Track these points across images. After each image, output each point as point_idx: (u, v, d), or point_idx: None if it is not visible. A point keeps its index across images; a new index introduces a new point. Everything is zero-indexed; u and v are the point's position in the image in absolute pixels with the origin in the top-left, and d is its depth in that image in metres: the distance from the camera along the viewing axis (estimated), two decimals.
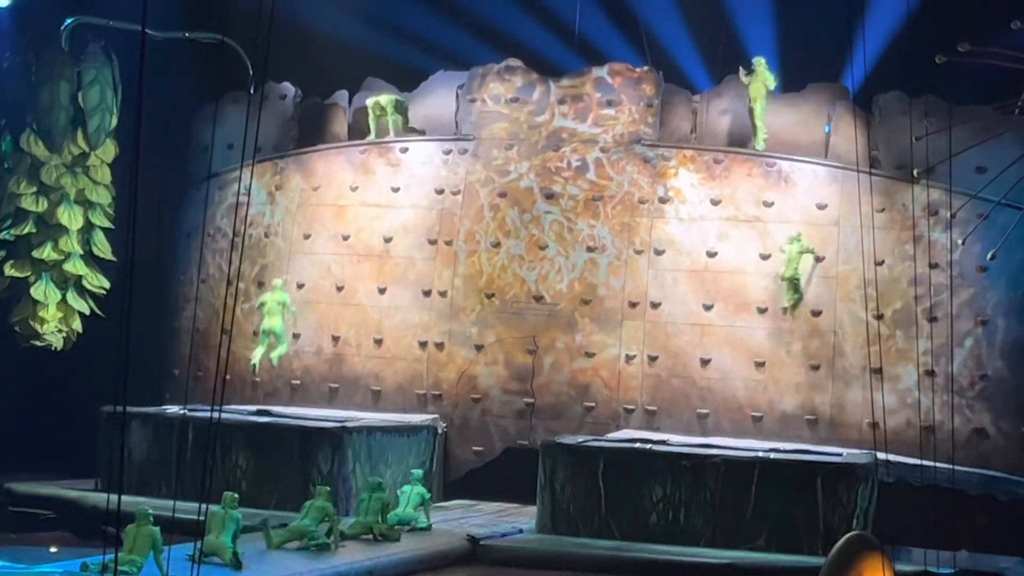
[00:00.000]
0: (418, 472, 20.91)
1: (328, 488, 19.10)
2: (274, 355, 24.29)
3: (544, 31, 25.66)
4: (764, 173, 23.93)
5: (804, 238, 23.25)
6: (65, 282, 24.88)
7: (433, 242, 24.85)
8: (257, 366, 24.43)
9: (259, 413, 22.80)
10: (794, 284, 23.16)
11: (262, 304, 24.36)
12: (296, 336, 25.14)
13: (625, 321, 23.91)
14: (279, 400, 24.73)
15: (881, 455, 20.35)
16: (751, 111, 23.82)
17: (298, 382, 25.10)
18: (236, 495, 17.50)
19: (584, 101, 24.74)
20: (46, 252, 24.75)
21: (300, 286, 25.23)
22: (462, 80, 25.43)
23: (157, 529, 15.48)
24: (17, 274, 24.74)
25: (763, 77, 23.61)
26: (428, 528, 20.00)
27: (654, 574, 18.57)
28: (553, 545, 19.64)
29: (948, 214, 22.14)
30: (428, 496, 20.55)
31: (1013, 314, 22.68)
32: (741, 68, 23.85)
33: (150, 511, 15.69)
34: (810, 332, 23.28)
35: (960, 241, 22.13)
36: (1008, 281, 22.41)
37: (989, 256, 21.60)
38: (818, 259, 23.20)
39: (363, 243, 25.19)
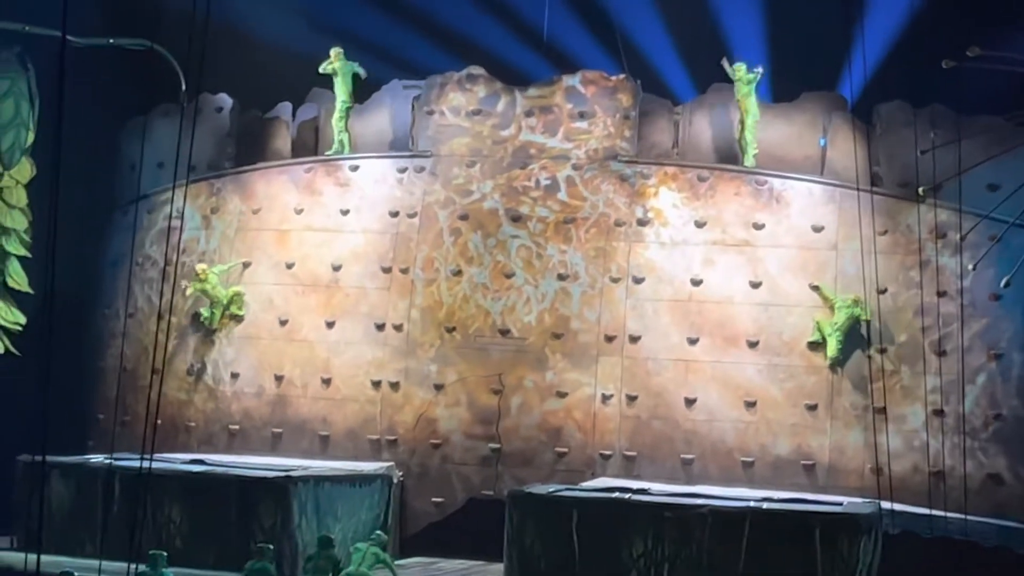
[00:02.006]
0: (382, 536, 20.84)
1: (271, 546, 19.11)
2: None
3: (510, 36, 25.74)
4: (754, 192, 23.97)
5: (833, 289, 23.26)
6: None
7: (387, 270, 24.85)
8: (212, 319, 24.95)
9: (194, 462, 22.74)
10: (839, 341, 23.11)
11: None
12: (235, 375, 25.10)
13: (601, 357, 23.92)
14: (216, 447, 24.69)
15: (886, 504, 20.42)
16: (741, 124, 23.88)
17: (237, 427, 25.04)
18: (165, 553, 17.48)
19: (554, 113, 24.78)
20: None
21: (238, 319, 25.20)
22: (418, 91, 25.47)
23: None
24: None
25: (744, 81, 23.67)
26: None
27: None
28: None
29: (957, 236, 22.22)
30: (386, 557, 20.49)
31: None
32: (725, 60, 23.89)
33: (73, 573, 15.64)
34: (806, 368, 23.30)
35: (971, 266, 22.17)
36: (1023, 310, 22.45)
37: (1004, 283, 21.62)
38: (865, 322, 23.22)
39: (309, 272, 25.17)
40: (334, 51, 24.46)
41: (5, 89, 24.90)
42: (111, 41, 23.80)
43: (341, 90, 24.80)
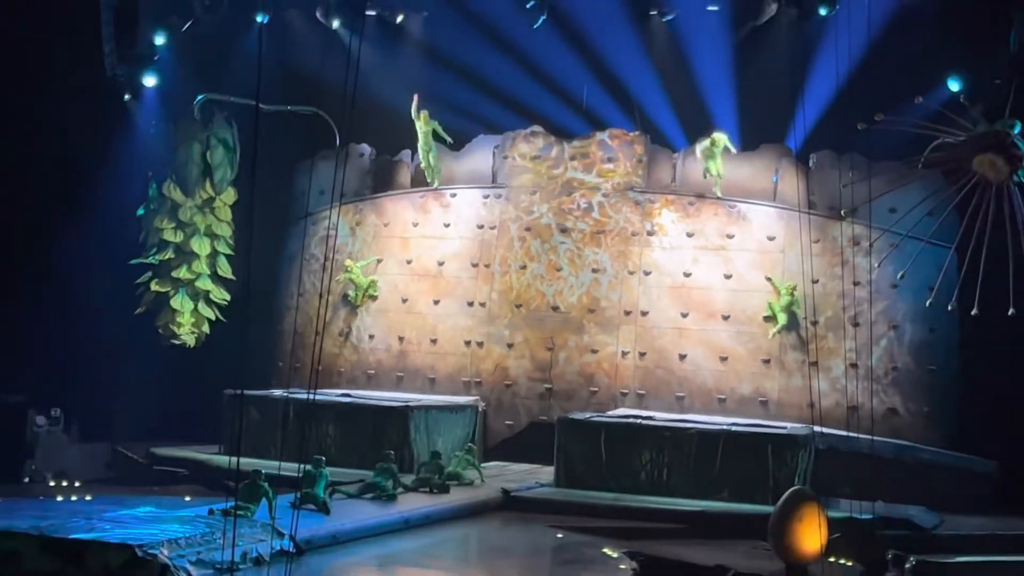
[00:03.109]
0: (472, 447, 21.46)
1: (393, 452, 19.33)
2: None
3: (559, 104, 25.61)
4: (727, 213, 23.97)
5: (781, 279, 23.21)
6: (196, 295, 25.03)
7: (475, 265, 24.91)
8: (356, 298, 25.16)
9: (343, 395, 22.91)
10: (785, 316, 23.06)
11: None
12: (371, 336, 25.21)
13: (621, 326, 23.94)
14: (358, 386, 24.78)
15: (817, 428, 20.41)
16: (706, 169, 23.72)
17: (373, 372, 25.17)
18: (323, 458, 17.66)
19: (590, 157, 24.78)
20: (182, 272, 24.90)
21: (374, 298, 25.29)
22: (497, 142, 25.50)
23: (266, 484, 15.60)
24: (160, 289, 24.91)
25: (720, 144, 23.56)
26: (471, 483, 20.08)
27: (643, 518, 18.65)
28: (566, 496, 19.75)
29: (868, 244, 22.13)
30: (475, 461, 20.64)
31: (917, 321, 22.71)
32: (698, 145, 23.75)
33: (261, 470, 15.82)
34: (762, 334, 23.31)
35: (876, 264, 22.07)
36: (913, 295, 22.38)
37: (899, 276, 21.54)
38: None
39: (422, 266, 25.25)
40: (422, 113, 24.34)
41: (217, 140, 25.08)
42: (288, 107, 23.91)
43: (423, 139, 24.64)
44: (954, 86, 20.79)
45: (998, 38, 21.02)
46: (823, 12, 23.09)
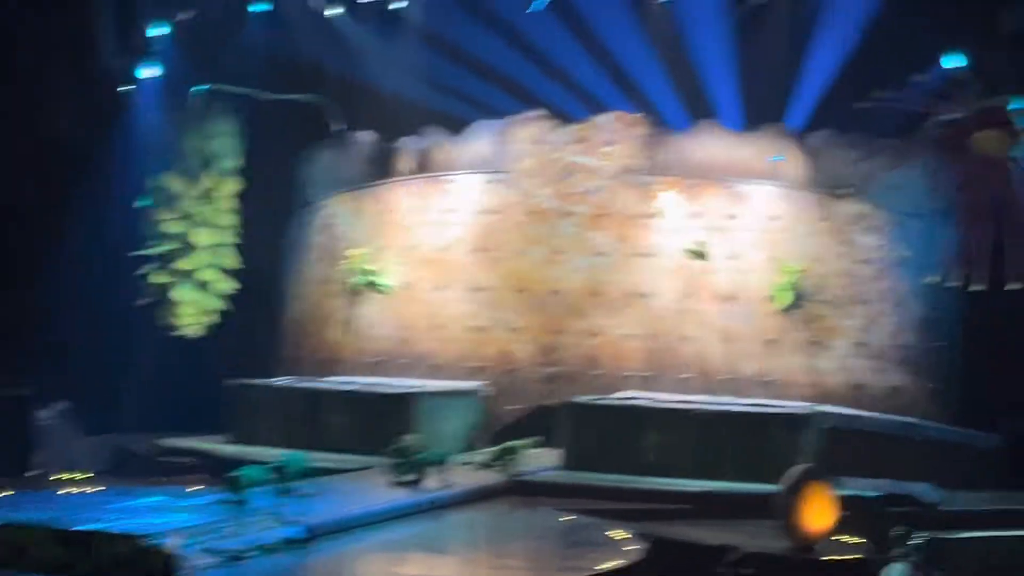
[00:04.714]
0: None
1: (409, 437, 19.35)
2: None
3: (560, 87, 25.58)
4: (729, 193, 23.90)
5: (785, 258, 23.07)
6: (198, 286, 25.10)
7: (477, 250, 24.90)
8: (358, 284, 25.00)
9: (347, 383, 22.99)
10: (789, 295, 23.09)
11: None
12: (373, 324, 25.25)
13: (625, 308, 23.94)
14: (362, 374, 24.73)
15: (821, 407, 20.46)
16: None
17: (377, 360, 25.17)
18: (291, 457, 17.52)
19: (591, 141, 24.68)
20: (184, 263, 25.02)
21: (376, 286, 25.26)
22: (497, 126, 25.41)
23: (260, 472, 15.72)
24: (161, 281, 25.02)
25: None
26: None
27: (649, 500, 18.67)
28: (573, 479, 19.78)
29: (870, 223, 22.17)
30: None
31: (921, 299, 22.60)
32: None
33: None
34: (766, 314, 23.25)
35: (880, 242, 22.11)
36: (916, 274, 22.30)
37: (903, 254, 21.66)
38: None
39: (424, 252, 25.24)
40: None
41: (217, 130, 25.15)
42: (288, 96, 23.96)
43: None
44: (953, 62, 20.81)
45: (997, 14, 21.00)
46: None
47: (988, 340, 21.62)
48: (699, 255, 23.32)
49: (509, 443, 20.12)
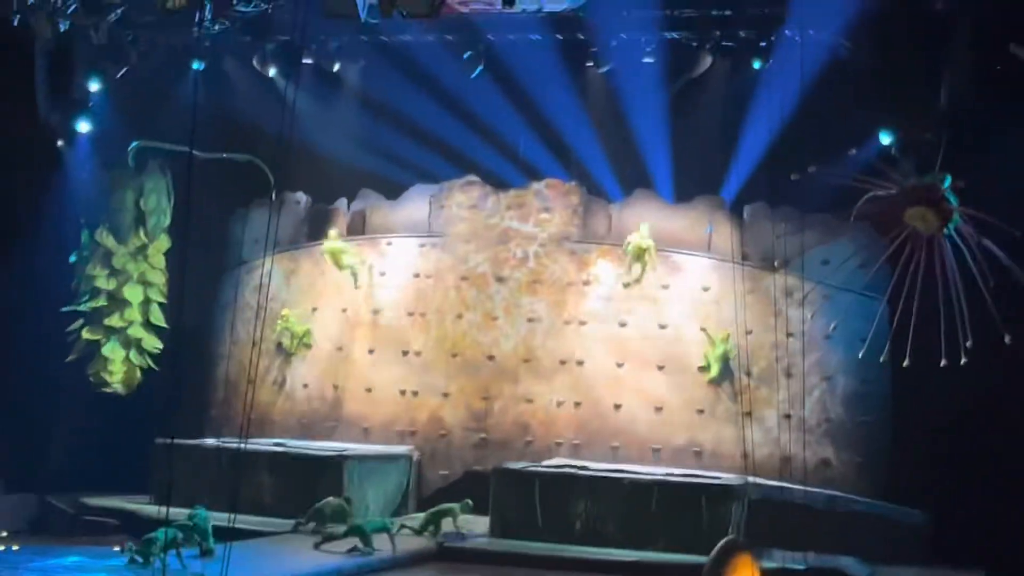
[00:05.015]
0: (468, 503, 20.61)
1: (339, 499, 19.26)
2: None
3: (496, 154, 25.66)
4: (662, 263, 23.93)
5: (715, 329, 23.19)
6: (128, 343, 24.86)
7: (411, 314, 24.85)
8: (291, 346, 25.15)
9: (277, 444, 22.80)
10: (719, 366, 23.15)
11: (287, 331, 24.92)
12: (305, 385, 25.11)
13: (556, 375, 23.95)
14: (292, 435, 24.62)
15: (750, 478, 20.50)
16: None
17: (307, 421, 25.04)
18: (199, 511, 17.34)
19: (526, 207, 24.76)
20: (114, 320, 24.75)
21: (308, 347, 25.20)
22: (433, 191, 25.43)
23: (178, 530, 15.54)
24: (91, 337, 24.76)
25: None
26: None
27: (579, 569, 18.63)
28: (502, 547, 19.71)
29: (801, 296, 22.32)
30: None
31: (850, 372, 22.77)
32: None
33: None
34: (696, 384, 23.35)
35: (809, 316, 22.24)
36: (845, 347, 22.44)
37: (831, 328, 21.82)
38: None
39: (358, 314, 25.16)
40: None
41: (151, 187, 25.00)
42: (224, 155, 23.81)
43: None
44: (886, 139, 21.09)
45: (930, 92, 21.34)
46: (756, 65, 23.34)
47: (917, 416, 21.78)
48: (641, 252, 23.32)
49: (441, 507, 20.06)
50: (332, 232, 25.06)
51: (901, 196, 18.28)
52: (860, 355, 20.91)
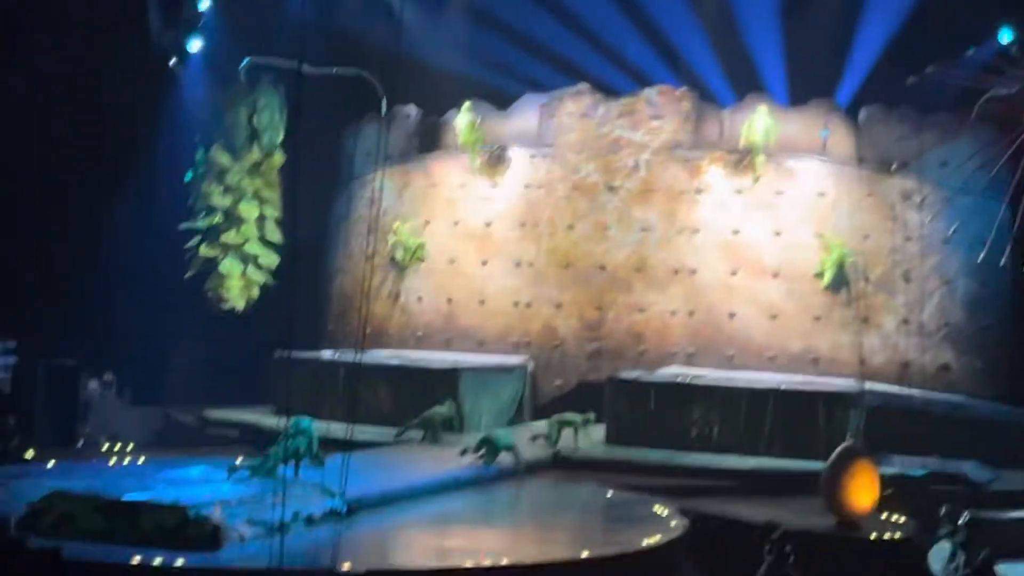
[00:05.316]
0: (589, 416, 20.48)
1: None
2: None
3: (606, 62, 25.47)
4: (776, 169, 23.70)
5: (831, 235, 22.89)
6: (245, 259, 25.16)
7: (523, 225, 24.83)
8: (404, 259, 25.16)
9: (393, 357, 23.01)
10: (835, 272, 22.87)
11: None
12: (420, 298, 25.25)
13: (670, 284, 23.84)
14: (408, 347, 24.81)
15: (868, 385, 20.31)
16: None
17: (422, 334, 25.19)
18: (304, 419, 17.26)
19: (637, 115, 24.57)
20: (231, 236, 25.05)
21: (421, 260, 25.30)
22: (544, 100, 25.30)
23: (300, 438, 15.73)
24: (209, 254, 25.08)
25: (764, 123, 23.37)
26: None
27: (693, 476, 18.63)
28: (616, 455, 19.76)
29: (919, 199, 22.00)
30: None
31: (970, 275, 22.45)
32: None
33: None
34: (812, 291, 23.11)
35: (928, 219, 21.94)
36: (965, 250, 22.11)
37: (951, 231, 21.48)
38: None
39: (469, 227, 25.19)
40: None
41: (264, 104, 25.18)
42: (335, 70, 23.83)
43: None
44: (1006, 37, 20.53)
45: None
46: None
47: None
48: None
49: (564, 415, 20.05)
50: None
51: (1022, 95, 17.85)
52: (980, 258, 20.53)
